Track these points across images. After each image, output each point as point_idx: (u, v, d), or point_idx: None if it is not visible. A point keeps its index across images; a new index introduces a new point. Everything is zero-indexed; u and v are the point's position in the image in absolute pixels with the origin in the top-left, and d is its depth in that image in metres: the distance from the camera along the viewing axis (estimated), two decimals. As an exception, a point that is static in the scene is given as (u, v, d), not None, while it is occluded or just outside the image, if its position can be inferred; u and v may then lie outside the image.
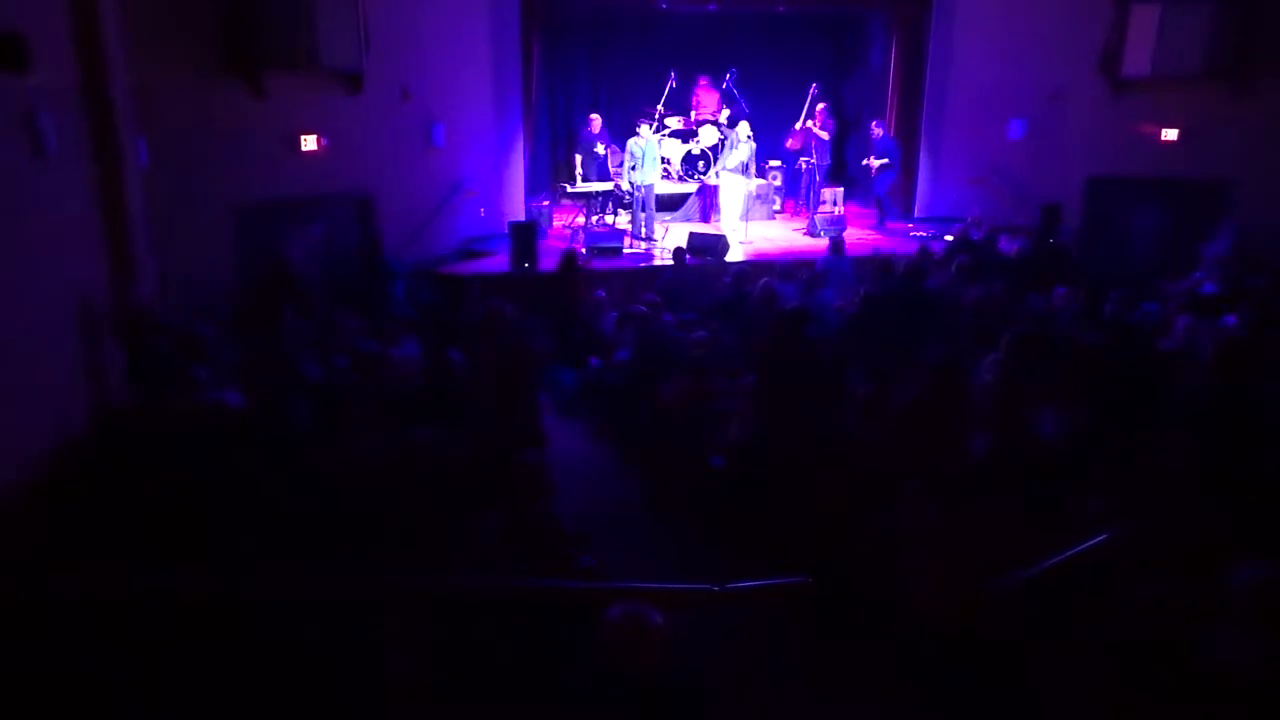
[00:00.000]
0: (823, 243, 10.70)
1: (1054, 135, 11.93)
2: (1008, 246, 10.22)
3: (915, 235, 11.87)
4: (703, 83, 13.99)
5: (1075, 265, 9.34)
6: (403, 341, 6.80)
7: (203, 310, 7.04)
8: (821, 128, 13.07)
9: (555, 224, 12.31)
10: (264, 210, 8.62)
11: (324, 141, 9.04)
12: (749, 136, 12.41)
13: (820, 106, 13.14)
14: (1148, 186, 11.33)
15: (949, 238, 11.00)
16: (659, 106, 13.40)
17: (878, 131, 12.64)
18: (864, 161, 12.82)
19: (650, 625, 2.22)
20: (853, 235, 11.63)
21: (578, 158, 12.76)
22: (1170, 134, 11.15)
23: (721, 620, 3.22)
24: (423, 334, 7.08)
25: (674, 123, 13.68)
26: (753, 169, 12.48)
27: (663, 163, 12.89)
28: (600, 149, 12.53)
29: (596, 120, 12.57)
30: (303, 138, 8.84)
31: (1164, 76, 10.84)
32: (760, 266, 9.78)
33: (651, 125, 12.37)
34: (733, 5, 12.95)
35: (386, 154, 9.98)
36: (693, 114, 13.97)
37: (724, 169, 12.51)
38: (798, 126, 13.35)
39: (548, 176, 13.65)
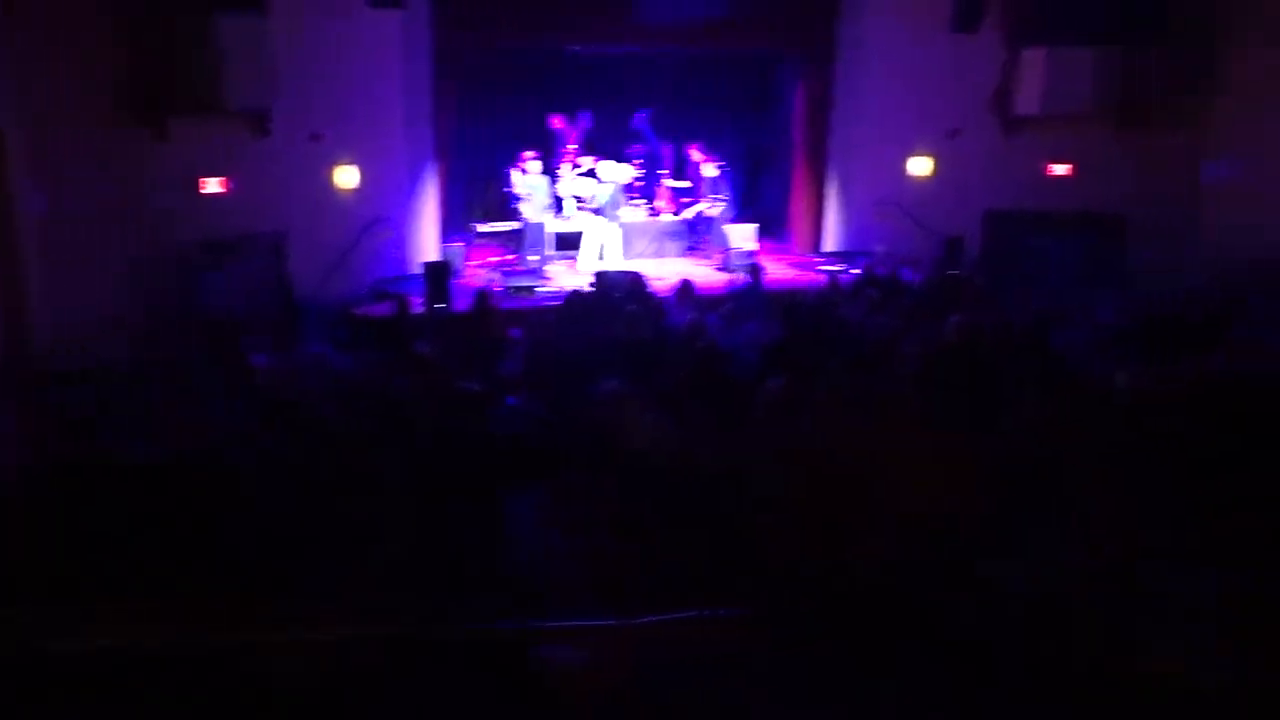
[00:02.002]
0: (738, 277, 10.91)
1: (955, 171, 12.44)
2: (911, 278, 10.57)
3: (824, 269, 12.19)
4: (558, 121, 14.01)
5: (977, 295, 9.70)
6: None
7: (104, 360, 6.79)
8: (710, 164, 13.36)
9: (472, 263, 12.27)
10: (170, 256, 8.39)
11: (231, 184, 8.87)
12: (613, 177, 12.55)
13: (695, 146, 13.45)
14: (1043, 219, 11.90)
15: (856, 271, 11.33)
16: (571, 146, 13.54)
17: (697, 158, 13.00)
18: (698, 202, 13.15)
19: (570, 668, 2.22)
20: (768, 270, 11.87)
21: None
22: (1062, 169, 11.77)
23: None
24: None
25: (587, 162, 13.82)
26: (620, 209, 12.65)
27: (577, 201, 12.99)
28: (521, 188, 12.59)
29: (527, 158, 12.60)
30: (209, 181, 8.66)
31: (1054, 115, 11.47)
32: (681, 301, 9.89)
33: (570, 165, 12.48)
34: (643, 49, 13.21)
35: (297, 195, 9.84)
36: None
37: (586, 210, 12.56)
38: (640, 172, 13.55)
39: (463, 216, 13.61)
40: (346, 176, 10.49)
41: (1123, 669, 1.92)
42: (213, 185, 8.70)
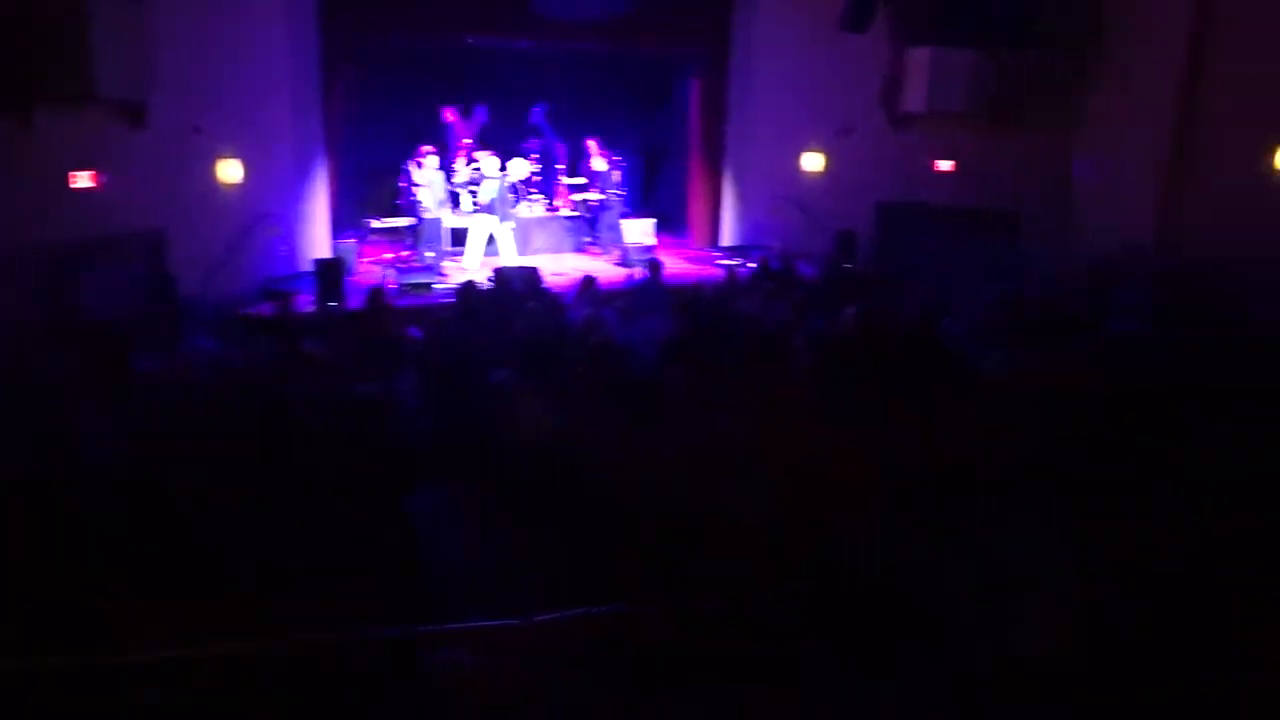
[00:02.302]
0: (637, 271, 10.95)
1: (847, 166, 12.76)
2: (807, 271, 10.79)
3: (722, 263, 12.35)
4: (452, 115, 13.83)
5: (869, 287, 9.97)
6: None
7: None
8: (602, 159, 13.38)
9: (366, 260, 11.99)
10: (36, 255, 7.92)
11: (104, 178, 8.43)
12: (502, 172, 12.44)
13: (593, 141, 13.46)
14: (931, 213, 12.31)
15: (752, 265, 11.50)
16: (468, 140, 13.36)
17: (595, 153, 13.06)
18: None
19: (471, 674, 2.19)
20: (666, 264, 11.95)
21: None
22: (946, 165, 12.20)
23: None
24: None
25: (483, 157, 13.63)
26: (517, 205, 12.58)
27: (472, 197, 12.82)
28: (418, 183, 12.34)
29: (424, 152, 12.34)
30: (79, 175, 8.20)
31: (938, 113, 11.87)
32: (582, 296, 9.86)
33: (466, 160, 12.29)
34: (540, 43, 13.12)
35: (178, 190, 9.42)
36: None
37: (474, 206, 12.43)
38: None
39: (357, 212, 13.28)
40: (229, 171, 10.09)
41: (994, 652, 1.99)
42: (83, 179, 8.24)
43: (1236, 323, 5.11)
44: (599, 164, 13.28)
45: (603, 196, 13.27)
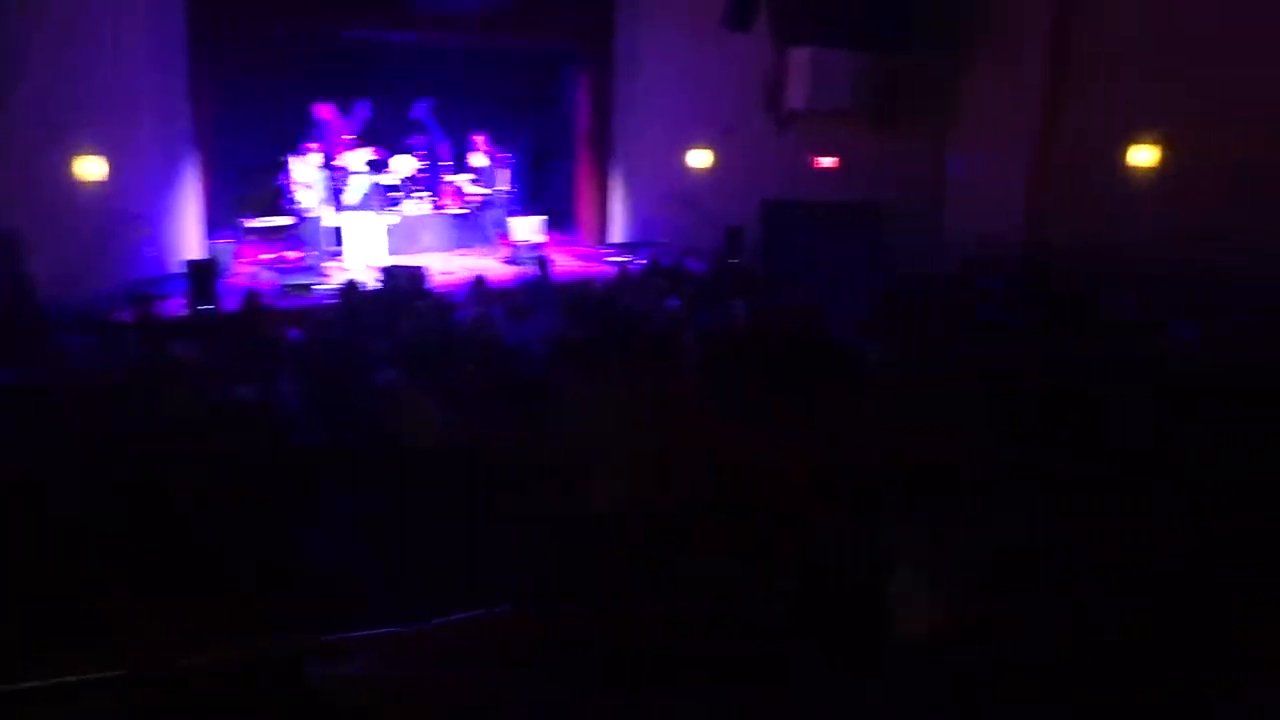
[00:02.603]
0: (526, 270, 10.87)
1: (733, 163, 12.95)
2: (696, 267, 10.91)
3: (612, 260, 12.38)
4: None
5: (754, 281, 10.15)
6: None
7: None
8: (487, 156, 13.26)
9: (242, 261, 11.52)
10: None
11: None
12: (371, 168, 12.20)
13: (480, 137, 13.34)
14: (815, 208, 12.62)
15: (643, 261, 11.57)
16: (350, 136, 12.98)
17: (481, 150, 12.99)
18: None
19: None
20: (556, 262, 11.91)
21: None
22: (829, 162, 12.53)
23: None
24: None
25: (366, 153, 13.29)
26: (402, 203, 12.38)
27: (353, 194, 12.47)
28: (298, 180, 11.92)
29: (307, 149, 11.90)
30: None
31: (820, 112, 12.18)
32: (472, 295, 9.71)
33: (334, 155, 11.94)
34: (423, 38, 12.86)
35: (33, 189, 8.84)
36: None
37: (346, 205, 12.14)
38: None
39: (232, 211, 12.74)
40: (90, 168, 9.53)
41: (881, 629, 2.05)
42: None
43: (1091, 309, 5.41)
44: (484, 160, 13.12)
45: (490, 193, 13.12)
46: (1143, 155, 10.02)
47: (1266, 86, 8.63)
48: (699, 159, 13.08)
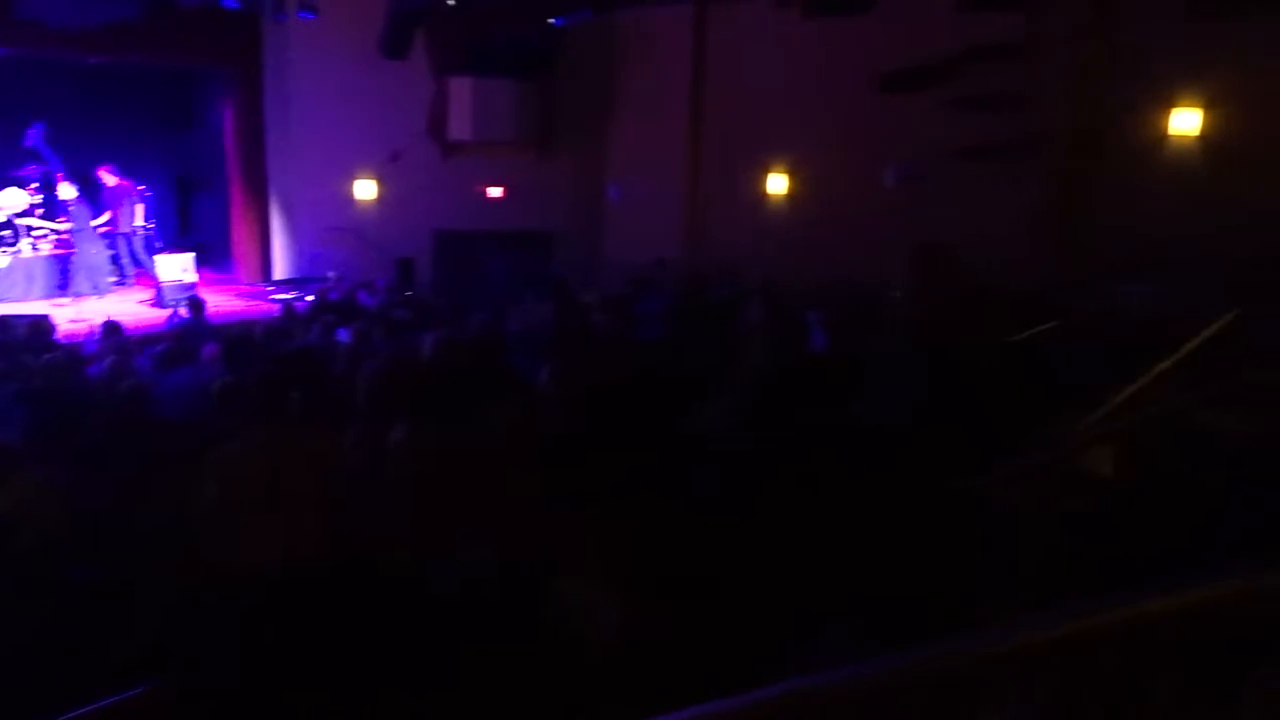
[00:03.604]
0: (177, 313, 9.90)
1: (402, 193, 12.68)
2: (369, 301, 10.55)
3: (276, 297, 11.63)
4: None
5: (430, 313, 10.01)
6: None
7: None
8: (120, 186, 12.03)
9: None
10: None
11: None
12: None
13: (106, 168, 12.07)
14: (485, 237, 12.71)
15: (310, 297, 10.99)
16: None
17: (110, 180, 12.00)
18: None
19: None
20: (211, 303, 10.96)
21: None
22: (496, 192, 12.68)
23: None
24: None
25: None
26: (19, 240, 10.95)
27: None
28: None
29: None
30: None
31: (485, 141, 12.30)
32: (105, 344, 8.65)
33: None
34: (34, 54, 11.28)
35: None
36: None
37: None
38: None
39: None
40: None
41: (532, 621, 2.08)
42: None
43: (735, 324, 5.93)
44: (111, 178, 11.77)
45: (126, 230, 11.81)
46: (777, 184, 11.23)
47: (862, 135, 10.12)
48: (365, 189, 12.67)
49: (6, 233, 11.42)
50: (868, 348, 4.26)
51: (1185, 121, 8.76)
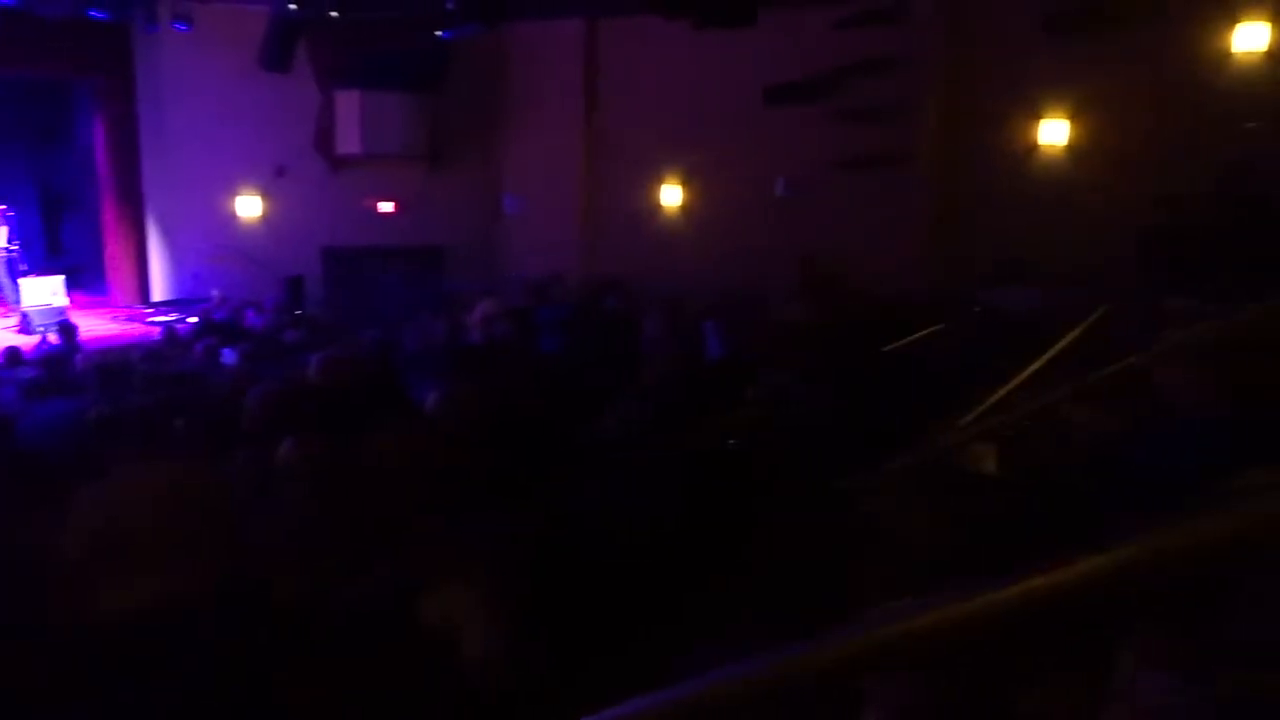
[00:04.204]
0: (46, 339, 9.38)
1: (289, 209, 12.33)
2: (256, 321, 10.22)
3: (155, 320, 11.13)
4: None
5: (321, 332, 9.77)
6: None
7: None
8: None
9: None
10: None
11: None
12: None
13: None
14: (377, 253, 12.47)
15: (193, 319, 10.57)
16: None
17: None
18: None
19: None
20: (84, 327, 10.42)
21: None
22: (388, 206, 12.46)
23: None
24: None
25: None
26: None
27: None
28: None
29: None
30: None
31: (374, 155, 12.08)
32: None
33: None
34: None
35: None
36: None
37: None
38: None
39: None
40: None
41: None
42: None
43: (632, 335, 5.99)
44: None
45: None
46: (671, 195, 11.39)
47: (753, 147, 10.41)
48: (250, 205, 12.27)
49: None
50: (758, 355, 4.36)
51: (1053, 132, 9.28)
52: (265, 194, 12.29)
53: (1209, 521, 0.76)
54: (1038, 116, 9.26)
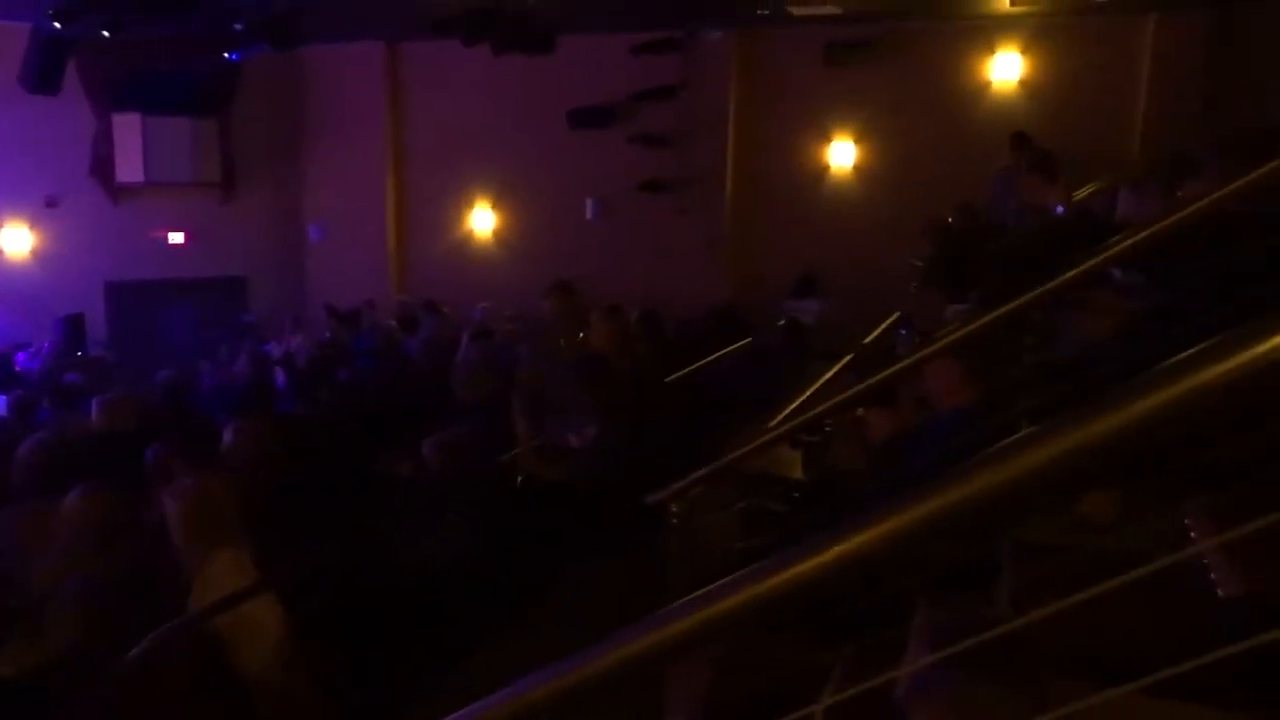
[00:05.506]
0: None
1: (64, 243, 11.33)
2: (29, 364, 9.38)
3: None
4: None
5: (107, 372, 9.08)
6: None
7: None
8: None
9: None
10: None
11: None
12: None
13: None
14: (169, 287, 11.66)
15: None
16: None
17: None
18: None
19: None
20: None
21: None
22: (177, 237, 11.68)
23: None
24: None
25: None
26: None
27: None
28: None
29: None
30: None
31: (160, 183, 11.29)
32: None
33: None
34: None
35: None
36: None
37: None
38: None
39: None
40: None
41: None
42: None
43: (445, 362, 5.94)
44: None
45: None
46: (483, 219, 11.35)
47: (562, 170, 10.58)
48: (18, 239, 11.21)
49: None
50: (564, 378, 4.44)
51: (841, 155, 9.93)
52: (35, 226, 11.26)
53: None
54: (827, 139, 9.88)
